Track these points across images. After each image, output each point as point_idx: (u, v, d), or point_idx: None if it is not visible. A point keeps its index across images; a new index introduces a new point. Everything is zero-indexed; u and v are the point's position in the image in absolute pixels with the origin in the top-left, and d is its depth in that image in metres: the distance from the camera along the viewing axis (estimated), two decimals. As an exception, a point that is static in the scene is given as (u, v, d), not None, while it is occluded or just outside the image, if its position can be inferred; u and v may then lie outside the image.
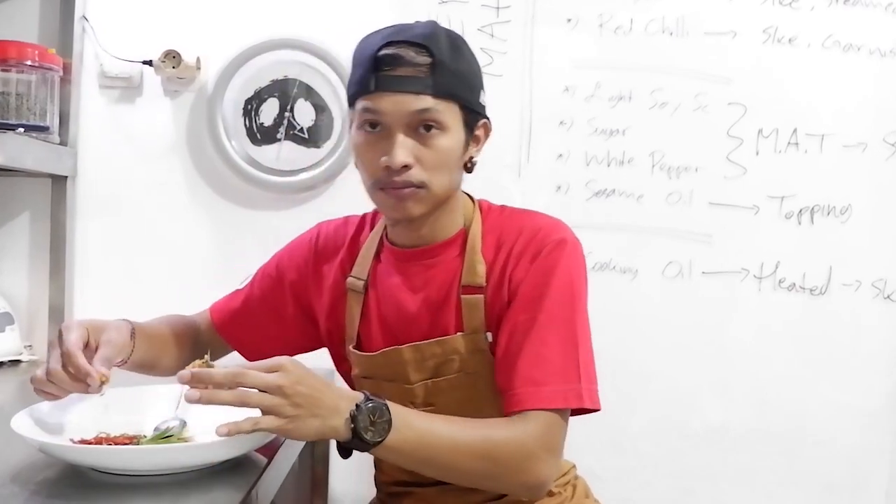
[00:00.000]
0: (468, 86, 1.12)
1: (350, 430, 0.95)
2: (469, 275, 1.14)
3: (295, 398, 0.92)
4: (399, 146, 1.06)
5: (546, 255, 1.11)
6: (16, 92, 1.59)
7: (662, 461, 1.85)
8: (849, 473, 1.85)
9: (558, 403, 1.06)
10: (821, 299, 1.83)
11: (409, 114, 1.06)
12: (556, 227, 1.16)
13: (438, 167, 1.09)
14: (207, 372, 0.92)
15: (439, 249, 1.17)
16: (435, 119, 1.07)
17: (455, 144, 1.11)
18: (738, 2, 1.82)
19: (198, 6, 1.81)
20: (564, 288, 1.10)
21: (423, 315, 1.16)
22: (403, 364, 1.15)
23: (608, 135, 1.83)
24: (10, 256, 1.82)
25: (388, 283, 1.19)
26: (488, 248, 1.15)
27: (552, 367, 1.06)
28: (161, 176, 1.83)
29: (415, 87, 1.06)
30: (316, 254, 1.28)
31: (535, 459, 1.03)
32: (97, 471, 0.96)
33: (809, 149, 1.83)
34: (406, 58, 1.06)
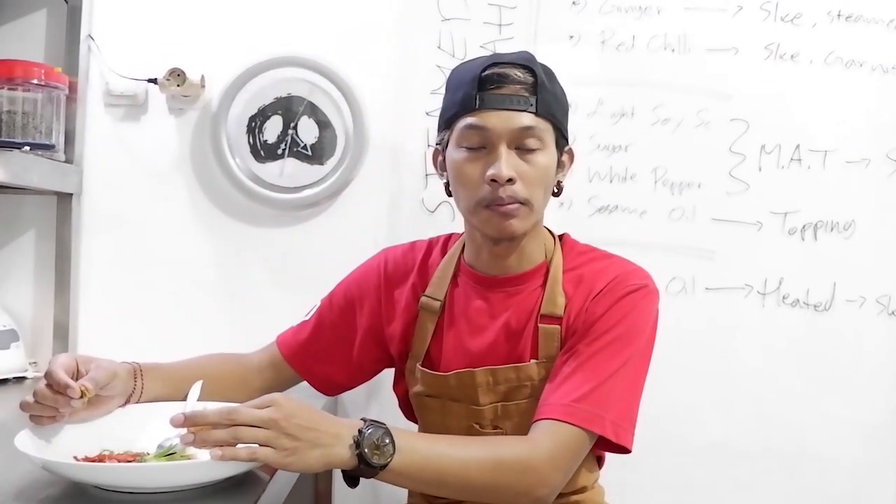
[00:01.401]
0: (563, 109, 1.19)
1: (356, 456, 0.95)
2: (549, 305, 1.16)
3: (290, 430, 0.92)
4: (504, 159, 1.10)
5: (626, 295, 1.14)
6: (22, 110, 1.60)
7: (664, 476, 1.83)
8: (852, 490, 1.83)
9: (581, 422, 1.06)
10: (825, 315, 1.83)
11: (513, 130, 1.11)
12: (641, 273, 1.20)
13: (538, 184, 1.13)
14: (201, 413, 0.93)
15: (523, 279, 1.20)
16: (536, 136, 1.12)
17: (552, 164, 1.16)
18: (740, 18, 1.83)
19: (202, 25, 1.83)
20: (632, 329, 1.13)
21: (501, 341, 1.18)
22: (475, 386, 1.17)
23: (610, 151, 1.84)
24: (16, 273, 1.83)
25: (467, 307, 1.21)
26: (569, 282, 1.18)
27: (587, 391, 1.07)
28: (165, 193, 1.84)
29: (520, 105, 1.11)
30: (387, 279, 1.29)
31: (536, 472, 1.03)
32: (101, 488, 0.96)
33: (812, 165, 1.83)
34: (512, 76, 1.11)
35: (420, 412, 1.27)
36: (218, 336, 1.46)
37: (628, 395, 1.12)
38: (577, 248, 1.24)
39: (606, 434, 1.08)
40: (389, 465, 0.96)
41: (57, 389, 1.02)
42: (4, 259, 1.83)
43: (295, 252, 1.84)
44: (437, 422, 1.22)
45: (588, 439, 1.08)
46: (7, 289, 1.81)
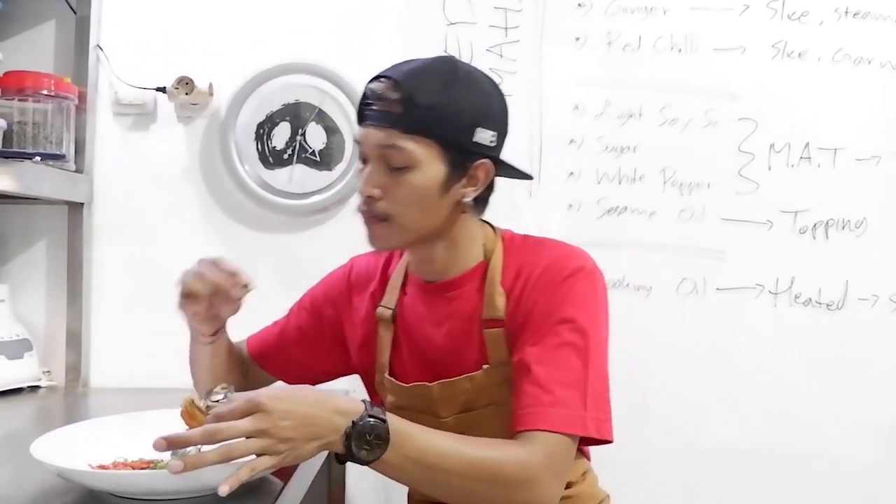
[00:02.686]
0: (452, 123, 1.08)
1: (344, 446, 0.92)
2: (489, 308, 1.13)
3: (282, 434, 0.88)
4: (368, 176, 1.09)
5: (561, 281, 1.10)
6: (32, 121, 1.61)
7: (674, 477, 1.83)
8: (862, 492, 1.82)
9: (560, 427, 1.03)
10: (837, 314, 1.82)
11: (376, 147, 1.08)
12: (575, 254, 1.14)
13: (408, 203, 1.09)
14: (183, 436, 0.87)
15: (459, 283, 1.16)
16: (402, 155, 1.07)
17: (428, 182, 1.08)
18: (747, 17, 1.83)
19: (209, 33, 1.84)
20: (577, 314, 1.09)
21: (448, 348, 1.16)
22: (432, 400, 1.15)
23: (619, 152, 1.84)
24: (28, 283, 1.84)
25: (413, 315, 1.20)
26: (508, 278, 1.14)
27: (558, 392, 1.04)
28: (175, 201, 1.85)
29: (385, 122, 1.07)
30: (349, 287, 1.29)
31: (537, 482, 1.00)
32: (116, 496, 0.97)
33: (822, 163, 1.82)
34: (379, 92, 1.08)
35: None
36: (229, 342, 1.47)
37: (599, 385, 1.09)
38: (516, 240, 1.19)
39: (590, 433, 1.05)
40: (380, 459, 0.94)
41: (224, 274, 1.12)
42: (17, 269, 1.84)
43: (304, 257, 1.84)
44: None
45: (574, 441, 1.05)
46: (20, 298, 1.82)
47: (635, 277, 1.83)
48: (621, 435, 1.83)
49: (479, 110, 1.10)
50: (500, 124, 1.13)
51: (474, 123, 1.09)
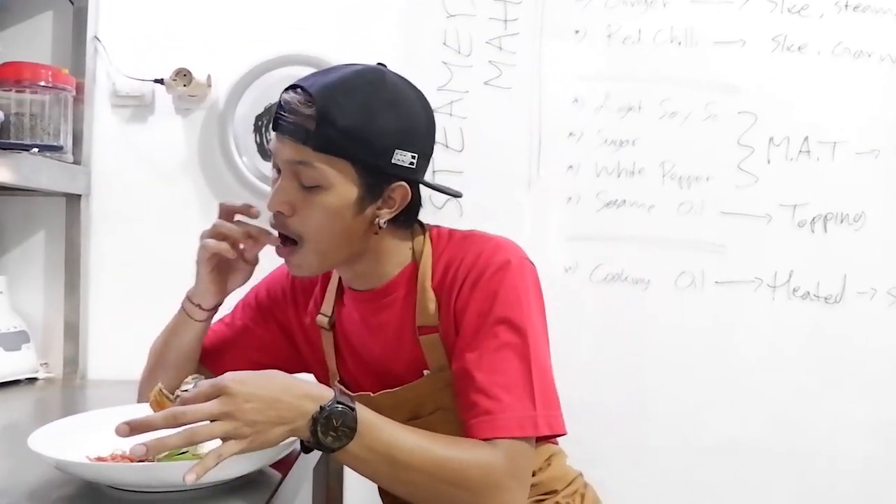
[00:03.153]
0: (368, 146, 1.02)
1: (310, 431, 0.91)
2: (422, 315, 1.10)
3: (246, 416, 0.87)
4: (278, 190, 1.05)
5: (488, 279, 1.06)
6: (30, 112, 1.61)
7: (672, 474, 1.83)
8: (863, 489, 1.82)
9: (514, 432, 1.00)
10: (836, 308, 1.82)
11: (287, 161, 1.04)
12: (500, 248, 1.09)
13: (318, 225, 1.04)
14: (145, 420, 0.86)
15: (388, 290, 1.13)
16: (313, 174, 1.02)
17: (340, 203, 1.03)
18: (747, 10, 1.82)
19: (208, 24, 1.83)
20: (511, 311, 1.04)
21: (387, 357, 1.14)
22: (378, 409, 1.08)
23: (618, 145, 1.83)
24: (26, 275, 1.83)
25: (350, 324, 1.17)
26: (437, 277, 1.10)
27: (505, 396, 1.01)
28: (173, 193, 1.84)
29: (297, 137, 1.01)
30: (293, 287, 1.26)
31: (502, 488, 0.98)
32: (114, 488, 0.96)
33: (821, 156, 1.82)
34: (293, 105, 1.02)
35: None
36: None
37: (543, 381, 1.04)
38: (443, 237, 1.14)
39: (542, 432, 1.02)
40: (346, 449, 0.92)
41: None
42: (15, 261, 1.83)
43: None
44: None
45: (529, 442, 1.02)
46: (18, 290, 1.81)
47: (634, 271, 1.83)
48: (618, 431, 1.85)
49: (399, 133, 1.04)
50: (424, 146, 1.07)
51: (393, 146, 1.03)
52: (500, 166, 1.82)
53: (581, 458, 1.32)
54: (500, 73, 1.82)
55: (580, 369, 1.79)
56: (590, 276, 1.84)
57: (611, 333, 1.84)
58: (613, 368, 1.83)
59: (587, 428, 1.26)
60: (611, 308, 1.83)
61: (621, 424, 1.82)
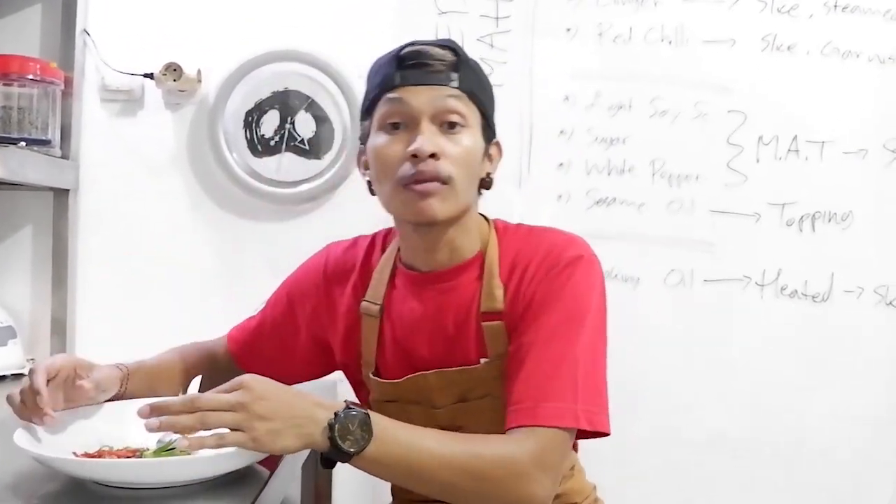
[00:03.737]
0: (489, 96, 1.13)
1: (327, 439, 0.91)
2: (488, 300, 1.10)
3: (260, 412, 0.89)
4: (426, 133, 1.05)
5: (559, 271, 1.07)
6: (18, 106, 1.60)
7: (663, 469, 1.84)
8: (851, 483, 1.84)
9: (552, 422, 1.00)
10: (823, 306, 1.83)
11: (435, 104, 1.06)
12: (572, 243, 1.12)
13: (462, 164, 1.07)
14: (165, 403, 0.90)
15: (456, 273, 1.13)
16: (459, 112, 1.07)
17: (477, 147, 1.10)
18: (737, 10, 1.83)
19: (198, 19, 1.82)
20: (573, 305, 1.06)
21: (443, 341, 1.13)
22: (429, 389, 1.12)
23: (609, 144, 1.84)
24: (13, 270, 1.82)
25: (403, 309, 1.15)
26: (505, 268, 1.11)
27: (548, 385, 1.02)
28: (162, 188, 1.84)
29: (441, 80, 1.06)
30: (326, 279, 1.23)
31: (526, 478, 0.97)
32: (100, 484, 0.96)
33: (810, 156, 1.83)
34: (431, 53, 1.07)
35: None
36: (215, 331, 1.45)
37: (592, 376, 1.05)
38: (510, 229, 1.16)
39: (581, 425, 1.02)
40: (363, 453, 0.92)
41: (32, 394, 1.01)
42: (1, 256, 1.82)
43: (293, 246, 1.81)
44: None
45: (566, 435, 1.02)
46: (4, 285, 1.80)
47: (623, 269, 1.84)
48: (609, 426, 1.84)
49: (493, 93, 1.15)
50: None
51: (494, 102, 1.14)
52: (491, 163, 1.82)
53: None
54: (492, 70, 1.82)
55: (569, 367, 1.79)
56: (579, 273, 1.83)
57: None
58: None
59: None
60: (600, 306, 1.83)
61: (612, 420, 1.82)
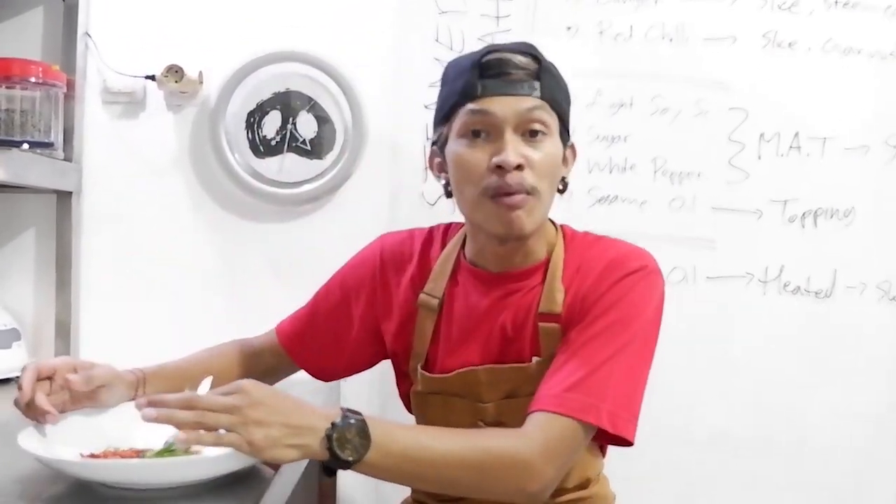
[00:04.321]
0: (567, 100, 1.15)
1: (326, 449, 0.91)
2: (547, 302, 1.11)
3: (253, 415, 0.89)
4: (511, 144, 1.05)
5: (620, 278, 1.08)
6: (20, 108, 1.60)
7: (665, 467, 1.84)
8: (854, 480, 1.83)
9: (574, 413, 1.00)
10: (826, 302, 1.83)
11: (519, 114, 1.06)
12: (639, 254, 1.13)
13: (547, 174, 1.09)
14: (162, 398, 0.92)
15: (523, 276, 1.14)
16: (542, 121, 1.08)
17: (558, 153, 1.11)
18: (738, 7, 1.82)
19: (199, 21, 1.83)
20: (626, 312, 1.07)
21: (500, 339, 1.14)
22: (478, 384, 1.13)
23: (610, 142, 1.84)
24: (16, 272, 1.83)
25: (466, 304, 1.16)
26: (568, 274, 1.12)
27: (582, 381, 1.02)
28: (165, 190, 1.84)
29: (524, 90, 1.07)
30: (383, 268, 1.24)
31: (529, 470, 0.97)
32: (105, 485, 0.96)
33: (811, 152, 1.83)
34: (514, 62, 1.07)
35: (422, 409, 1.22)
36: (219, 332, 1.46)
37: (628, 381, 1.05)
38: (577, 237, 1.19)
39: (602, 424, 1.01)
40: (364, 460, 0.93)
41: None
42: (5, 258, 1.83)
43: (295, 247, 1.84)
44: (440, 418, 1.16)
45: (583, 430, 1.01)
46: (8, 288, 1.81)
47: (626, 267, 1.83)
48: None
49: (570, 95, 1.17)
50: None
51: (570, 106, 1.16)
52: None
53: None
54: (492, 69, 1.82)
55: (572, 365, 1.79)
56: (582, 272, 1.84)
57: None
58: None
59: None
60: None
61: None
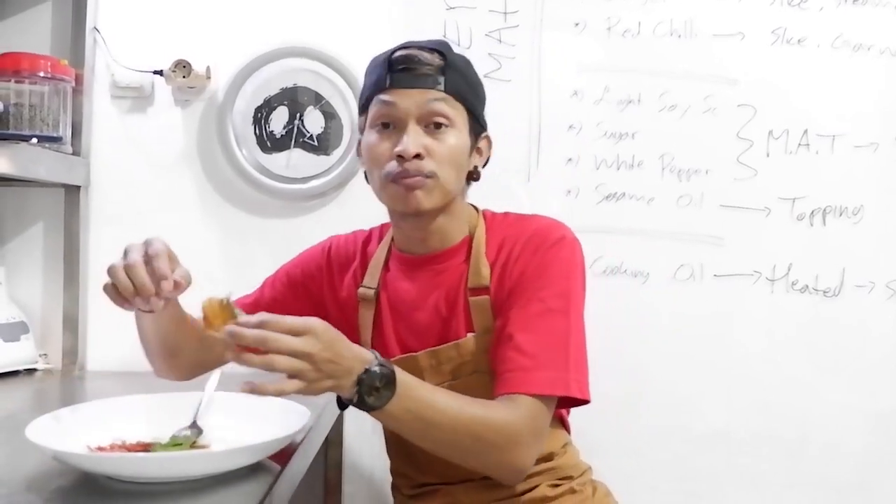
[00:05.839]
0: (476, 94, 1.20)
1: (355, 392, 0.97)
2: (475, 277, 1.18)
3: (320, 363, 0.93)
4: (412, 135, 1.13)
5: (546, 250, 1.15)
6: (29, 103, 1.60)
7: (670, 464, 1.84)
8: (858, 478, 1.83)
9: (545, 390, 1.08)
10: (834, 301, 1.83)
11: (421, 106, 1.13)
12: (557, 226, 1.20)
13: (448, 161, 1.15)
14: (241, 332, 0.92)
15: (447, 255, 1.21)
16: (445, 114, 1.14)
17: (463, 145, 1.17)
18: (747, 3, 1.82)
19: (208, 16, 1.83)
20: (560, 281, 1.14)
21: (434, 320, 1.20)
22: (420, 370, 1.17)
23: (617, 138, 1.83)
24: (25, 266, 1.83)
25: (397, 290, 1.23)
26: (492, 250, 1.19)
27: (542, 355, 1.09)
28: (172, 184, 1.84)
29: (427, 84, 1.14)
30: (329, 264, 1.32)
31: (522, 445, 1.06)
32: (112, 479, 0.97)
33: (820, 150, 1.82)
34: (420, 57, 1.14)
35: None
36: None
37: (578, 347, 1.13)
38: (497, 217, 1.25)
39: (572, 393, 1.09)
40: (384, 408, 0.99)
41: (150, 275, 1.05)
42: (13, 252, 1.83)
43: (302, 242, 1.81)
44: None
45: (553, 402, 1.10)
46: (16, 281, 1.81)
47: (633, 264, 1.83)
48: (617, 421, 1.85)
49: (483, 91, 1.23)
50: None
51: (484, 101, 1.22)
52: (499, 159, 1.80)
53: (580, 448, 1.33)
54: (500, 65, 1.82)
55: (578, 362, 1.79)
56: (589, 268, 1.80)
57: (610, 326, 1.83)
58: (612, 361, 1.82)
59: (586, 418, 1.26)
60: (610, 300, 1.83)
61: (620, 416, 1.83)
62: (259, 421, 1.09)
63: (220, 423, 1.12)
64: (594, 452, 1.35)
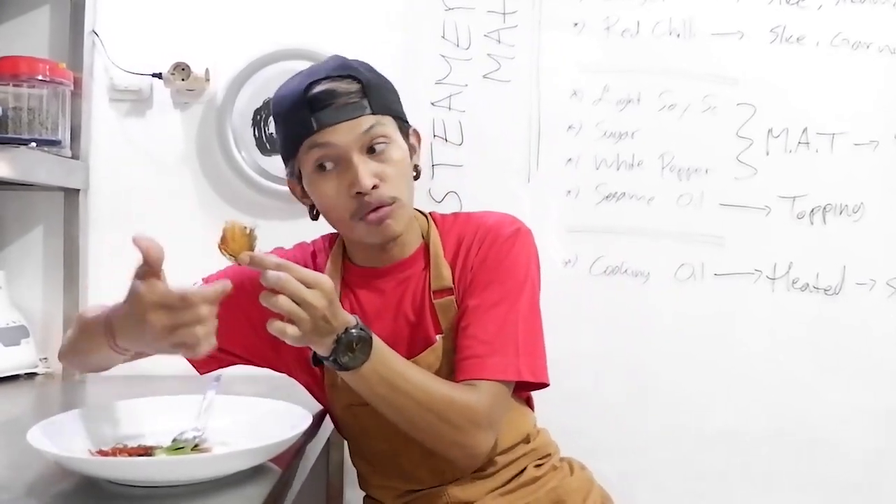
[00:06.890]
0: (396, 98, 1.20)
1: (331, 349, 1.00)
2: (437, 280, 1.19)
3: (316, 319, 0.97)
4: (361, 168, 1.11)
5: (501, 243, 1.18)
6: (27, 107, 1.60)
7: (675, 463, 1.84)
8: (863, 476, 1.83)
9: (499, 375, 1.11)
10: (835, 299, 1.82)
11: (358, 138, 1.12)
12: (510, 220, 1.23)
13: (400, 179, 1.15)
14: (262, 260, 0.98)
15: (407, 264, 1.22)
16: (382, 134, 1.14)
17: (404, 153, 1.17)
18: (745, 2, 1.82)
19: (206, 18, 1.83)
20: (514, 272, 1.17)
21: (402, 327, 1.20)
22: None
23: (617, 138, 1.83)
24: (25, 270, 1.83)
25: (360, 303, 1.22)
26: (449, 251, 1.21)
27: (495, 342, 1.12)
28: (172, 187, 1.84)
29: (356, 113, 1.12)
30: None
31: (478, 428, 1.09)
32: (113, 483, 0.96)
33: (820, 148, 1.82)
34: (338, 89, 1.12)
35: (354, 423, 1.23)
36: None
37: (528, 332, 1.16)
38: (447, 219, 1.27)
39: (524, 378, 1.13)
40: (355, 369, 1.02)
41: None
42: (13, 256, 1.83)
43: (302, 244, 1.84)
44: (373, 426, 1.18)
45: (508, 387, 1.14)
46: (17, 285, 1.81)
47: (633, 263, 1.83)
48: (619, 421, 1.85)
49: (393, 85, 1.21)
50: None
51: (398, 94, 1.21)
52: (499, 160, 1.82)
53: (582, 449, 1.33)
54: (499, 66, 1.82)
55: (580, 362, 1.79)
56: (589, 269, 1.84)
57: (611, 326, 1.84)
58: (613, 361, 1.83)
59: (588, 419, 1.26)
60: (611, 301, 1.83)
61: (621, 416, 1.83)
62: (260, 424, 1.08)
63: (221, 426, 1.12)
64: (597, 452, 1.35)
